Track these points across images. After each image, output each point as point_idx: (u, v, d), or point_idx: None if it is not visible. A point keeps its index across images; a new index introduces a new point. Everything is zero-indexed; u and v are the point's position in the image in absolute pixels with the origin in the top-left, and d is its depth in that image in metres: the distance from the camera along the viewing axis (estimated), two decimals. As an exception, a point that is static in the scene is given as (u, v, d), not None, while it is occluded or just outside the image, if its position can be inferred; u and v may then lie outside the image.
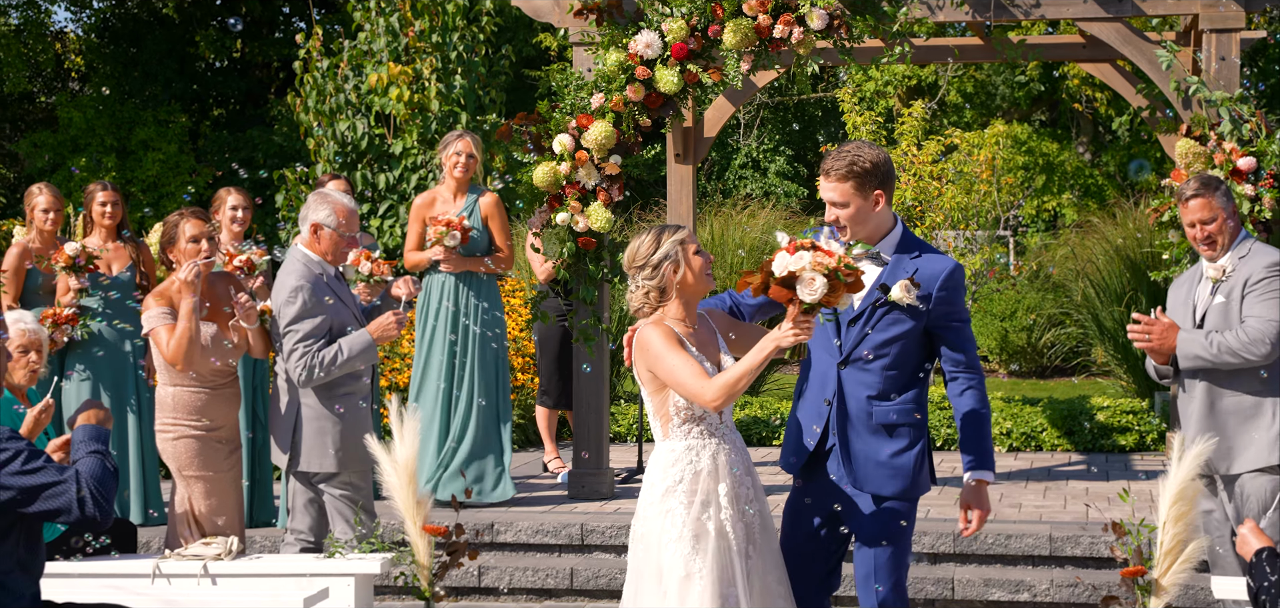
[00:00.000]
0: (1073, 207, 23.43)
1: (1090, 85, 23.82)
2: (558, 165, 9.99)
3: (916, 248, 5.80)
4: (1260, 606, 4.87)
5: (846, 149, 5.74)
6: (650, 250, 5.63)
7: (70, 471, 5.24)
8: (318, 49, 15.29)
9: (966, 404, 5.75)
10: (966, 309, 5.87)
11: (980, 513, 5.78)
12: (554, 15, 10.72)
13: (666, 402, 5.59)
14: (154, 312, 7.32)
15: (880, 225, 5.77)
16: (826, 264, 5.24)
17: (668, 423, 5.61)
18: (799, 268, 5.26)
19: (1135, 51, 10.09)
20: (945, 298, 5.70)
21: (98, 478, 5.27)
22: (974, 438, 5.75)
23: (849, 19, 9.85)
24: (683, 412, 5.57)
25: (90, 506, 5.20)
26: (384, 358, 12.14)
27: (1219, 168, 9.57)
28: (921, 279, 5.69)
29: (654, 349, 5.53)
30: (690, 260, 5.63)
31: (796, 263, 5.27)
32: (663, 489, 5.57)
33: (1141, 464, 11.81)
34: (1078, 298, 16.32)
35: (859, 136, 17.23)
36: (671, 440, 5.60)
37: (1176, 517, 6.06)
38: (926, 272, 5.71)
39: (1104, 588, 8.26)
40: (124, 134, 23.73)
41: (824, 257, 5.27)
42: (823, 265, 5.24)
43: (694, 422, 5.58)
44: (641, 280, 5.64)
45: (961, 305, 5.81)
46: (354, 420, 7.30)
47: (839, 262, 5.26)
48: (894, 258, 5.75)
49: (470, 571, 9.12)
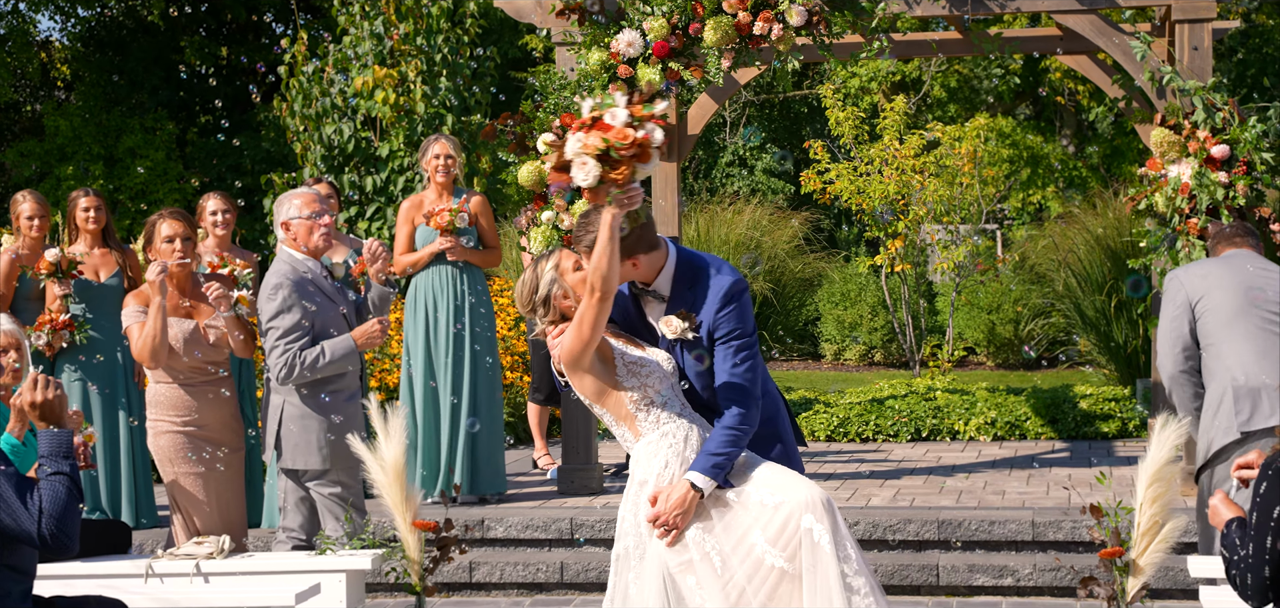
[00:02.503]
0: (1057, 199, 23.55)
1: (1072, 78, 23.96)
2: (542, 164, 10.09)
3: (692, 276, 5.71)
4: (1232, 579, 4.98)
5: (592, 221, 5.53)
6: (533, 290, 5.73)
7: (34, 496, 5.09)
8: (303, 53, 15.38)
9: (723, 420, 5.63)
10: (748, 327, 5.69)
11: (664, 510, 5.54)
12: (536, 15, 10.82)
13: (620, 404, 5.63)
14: (130, 310, 7.47)
15: (651, 269, 5.71)
16: (596, 146, 5.07)
17: (632, 423, 5.65)
18: (573, 153, 5.13)
19: (1110, 43, 10.21)
20: (720, 323, 5.64)
21: (60, 505, 5.11)
22: (710, 442, 5.61)
23: (828, 15, 9.96)
24: (640, 404, 5.62)
25: (50, 540, 5.07)
26: (372, 359, 12.23)
27: (1193, 156, 9.70)
28: (698, 311, 5.65)
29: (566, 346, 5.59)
30: (571, 280, 5.68)
31: (571, 147, 5.15)
32: (654, 477, 5.63)
33: (1124, 450, 11.94)
34: (1059, 288, 16.46)
35: (841, 132, 17.33)
36: (646, 437, 5.66)
37: (1153, 498, 6.16)
38: (703, 304, 5.65)
39: (1086, 571, 8.37)
40: (111, 142, 23.76)
41: (597, 135, 5.07)
42: (592, 147, 5.07)
43: (655, 407, 5.64)
44: (540, 319, 5.74)
45: (739, 324, 5.66)
46: (340, 418, 7.38)
47: (613, 137, 5.04)
48: (673, 293, 5.72)
49: (461, 565, 9.22)
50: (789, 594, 5.45)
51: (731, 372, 5.62)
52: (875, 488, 10.42)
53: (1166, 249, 9.85)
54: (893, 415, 13.00)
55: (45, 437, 5.27)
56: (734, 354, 5.63)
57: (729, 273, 5.71)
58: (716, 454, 5.53)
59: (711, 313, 5.63)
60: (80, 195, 9.85)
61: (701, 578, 5.51)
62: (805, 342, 19.49)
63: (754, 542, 5.48)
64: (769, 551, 5.46)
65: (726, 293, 5.64)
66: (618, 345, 5.66)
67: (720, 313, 5.62)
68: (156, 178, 23.11)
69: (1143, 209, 10.00)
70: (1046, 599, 8.78)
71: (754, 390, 5.64)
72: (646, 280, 5.72)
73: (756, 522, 5.51)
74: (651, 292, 5.74)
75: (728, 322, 5.63)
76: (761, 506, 5.53)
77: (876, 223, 16.58)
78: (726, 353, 5.63)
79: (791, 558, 5.46)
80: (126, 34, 27.13)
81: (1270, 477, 4.87)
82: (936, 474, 10.99)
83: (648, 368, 5.64)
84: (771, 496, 5.55)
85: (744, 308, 5.68)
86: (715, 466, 5.52)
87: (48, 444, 5.24)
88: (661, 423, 5.64)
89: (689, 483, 5.51)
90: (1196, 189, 9.68)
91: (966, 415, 12.88)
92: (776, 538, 5.47)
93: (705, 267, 5.74)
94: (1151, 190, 9.93)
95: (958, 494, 10.07)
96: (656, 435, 5.63)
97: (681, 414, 5.68)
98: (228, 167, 24.07)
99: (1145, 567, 6.19)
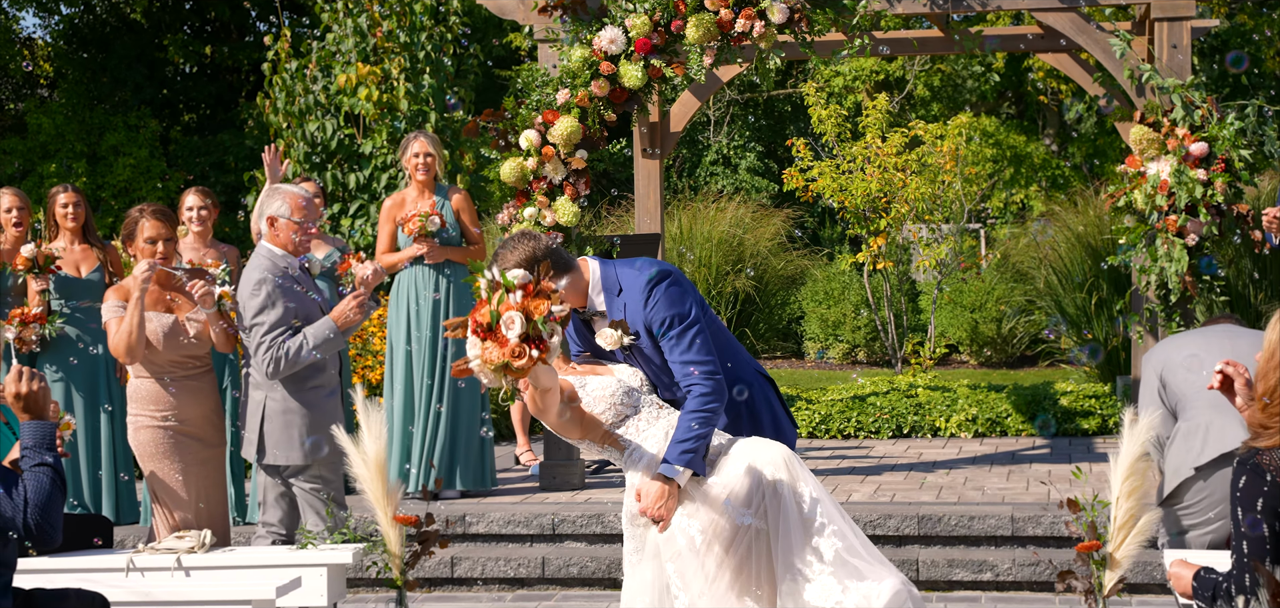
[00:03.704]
0: (1040, 198, 23.62)
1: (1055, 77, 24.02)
2: (525, 161, 10.14)
3: (619, 283, 5.76)
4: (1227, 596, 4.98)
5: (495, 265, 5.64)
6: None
7: (19, 488, 5.13)
8: (286, 51, 15.38)
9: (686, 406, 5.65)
10: (684, 308, 5.69)
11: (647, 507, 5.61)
12: (519, 12, 10.84)
13: (598, 429, 5.69)
14: (109, 305, 7.48)
15: (575, 291, 5.75)
16: (493, 361, 5.18)
17: (615, 443, 5.71)
18: (473, 360, 5.25)
19: (1090, 40, 10.26)
20: (652, 317, 5.67)
21: (44, 495, 5.14)
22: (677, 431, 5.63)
23: (809, 12, 10.00)
24: (614, 424, 5.69)
25: (35, 530, 5.09)
26: (356, 356, 12.24)
27: (1172, 153, 9.75)
28: (630, 317, 5.70)
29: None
30: None
31: (472, 354, 5.25)
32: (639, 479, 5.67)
33: (1103, 447, 11.98)
34: (1041, 285, 16.51)
35: (824, 130, 17.37)
36: (631, 446, 5.71)
37: (1129, 492, 6.19)
38: (630, 306, 5.70)
39: (1064, 565, 8.40)
40: (94, 140, 23.73)
41: (494, 349, 5.18)
42: (491, 360, 5.18)
43: (629, 420, 5.71)
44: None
45: (671, 309, 5.67)
46: (321, 413, 7.40)
47: (507, 354, 5.15)
48: (609, 306, 5.76)
49: (443, 560, 9.25)
50: (764, 554, 5.53)
51: (681, 356, 5.64)
52: (856, 484, 10.46)
53: (1145, 246, 9.91)
54: (874, 412, 13.04)
55: (28, 429, 5.29)
56: (678, 339, 5.65)
57: (648, 265, 5.74)
58: (684, 441, 5.56)
59: (640, 310, 5.66)
60: (59, 191, 9.84)
61: (683, 561, 5.57)
62: (789, 340, 19.53)
63: (728, 512, 5.54)
64: (742, 514, 5.52)
65: (647, 284, 5.67)
66: (577, 379, 5.71)
67: (648, 307, 5.65)
68: (140, 175, 23.08)
69: (1122, 206, 10.06)
70: (1025, 594, 8.82)
71: (709, 365, 5.65)
72: (578, 304, 5.77)
73: (730, 489, 5.57)
74: (592, 312, 5.78)
75: (659, 312, 5.65)
76: (734, 476, 5.59)
77: (858, 220, 16.63)
78: (671, 343, 5.66)
79: (763, 516, 5.53)
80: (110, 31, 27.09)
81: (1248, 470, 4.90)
82: (917, 470, 11.03)
83: (610, 389, 5.71)
84: (743, 463, 5.61)
85: (671, 293, 5.69)
86: (684, 452, 5.56)
87: (31, 436, 5.26)
88: (641, 432, 5.70)
89: (663, 476, 5.56)
90: (1175, 186, 9.74)
91: (948, 412, 12.93)
92: (748, 500, 5.54)
93: (629, 269, 5.79)
94: (1131, 188, 9.99)
95: (938, 490, 10.11)
96: (638, 442, 5.68)
97: (660, 416, 5.74)
98: (211, 164, 24.05)
99: (1122, 560, 6.22)
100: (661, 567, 5.64)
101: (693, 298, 5.74)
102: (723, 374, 5.70)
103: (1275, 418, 4.87)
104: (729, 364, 5.86)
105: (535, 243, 5.68)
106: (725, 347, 5.90)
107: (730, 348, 5.96)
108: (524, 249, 5.65)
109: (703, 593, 5.52)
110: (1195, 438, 6.72)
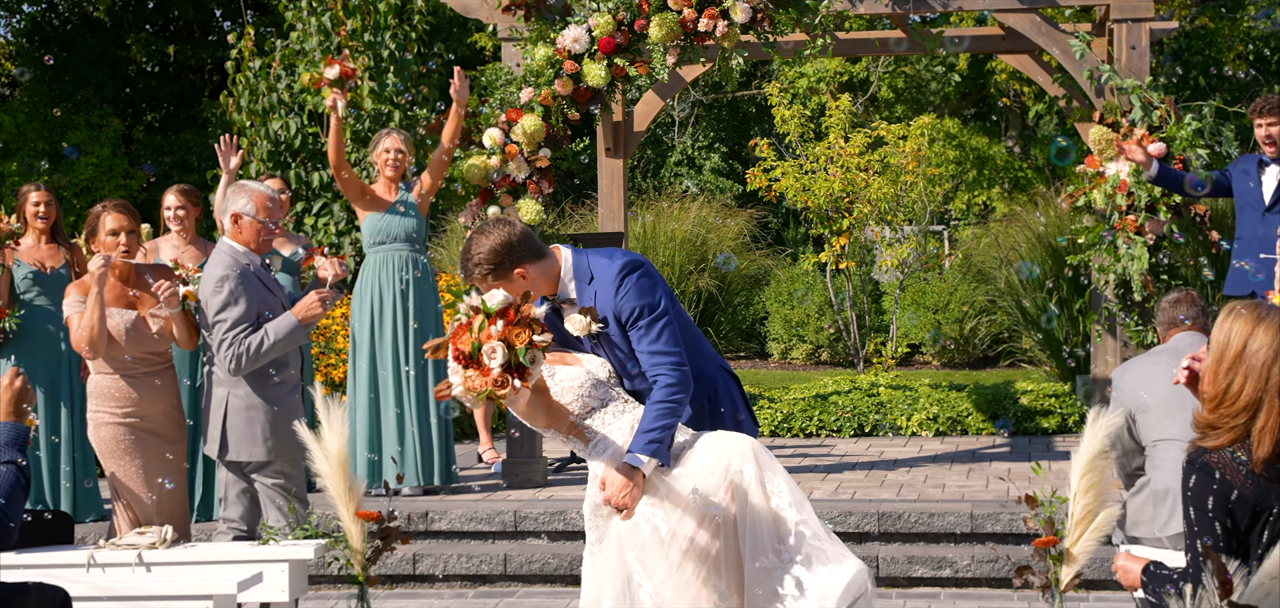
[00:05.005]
0: (1003, 200, 23.76)
1: (1018, 80, 24.16)
2: (488, 159, 10.16)
3: (590, 272, 5.76)
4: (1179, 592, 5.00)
5: (468, 250, 5.67)
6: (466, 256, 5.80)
7: None
8: (250, 49, 15.35)
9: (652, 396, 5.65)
10: (654, 299, 5.69)
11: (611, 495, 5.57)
12: (483, 11, 10.86)
13: (564, 420, 5.69)
14: (70, 300, 7.46)
15: (547, 277, 5.76)
16: (475, 389, 5.29)
17: (580, 433, 5.71)
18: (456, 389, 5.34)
19: (1050, 41, 10.34)
20: (622, 306, 5.67)
21: (6, 489, 5.17)
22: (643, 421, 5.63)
23: (772, 12, 10.06)
24: (580, 416, 5.71)
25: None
26: (318, 354, 12.24)
27: (1131, 153, 9.84)
28: (600, 304, 5.70)
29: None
30: None
31: (455, 381, 5.35)
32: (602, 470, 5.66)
33: (1063, 445, 12.07)
34: (1002, 285, 16.61)
35: (787, 130, 17.44)
36: (597, 438, 5.72)
37: (1087, 488, 6.23)
38: (601, 294, 5.70)
39: (1023, 561, 8.47)
40: (56, 138, 23.63)
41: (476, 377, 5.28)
42: (473, 389, 5.30)
43: (595, 412, 5.73)
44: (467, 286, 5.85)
45: (640, 299, 5.67)
46: (283, 409, 7.40)
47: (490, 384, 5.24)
48: (579, 294, 5.75)
49: (405, 557, 9.25)
50: (730, 543, 5.56)
51: (649, 347, 5.65)
52: (817, 481, 10.52)
53: (1105, 246, 9.99)
54: (836, 411, 13.10)
55: (2, 428, 5.36)
56: (647, 330, 5.65)
57: (621, 256, 5.74)
58: (650, 431, 5.56)
59: (610, 298, 5.66)
60: (31, 190, 9.81)
61: (647, 550, 5.59)
62: (752, 340, 19.59)
63: (693, 501, 5.56)
64: (708, 503, 5.55)
65: (619, 273, 5.67)
66: (546, 369, 5.73)
67: (618, 296, 5.64)
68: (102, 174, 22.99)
69: (1081, 205, 10.14)
70: (984, 590, 8.89)
71: (678, 358, 5.66)
72: (548, 292, 5.77)
73: (695, 480, 5.60)
74: (562, 299, 5.80)
75: (629, 302, 5.65)
76: (700, 468, 5.62)
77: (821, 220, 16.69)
78: (639, 333, 5.66)
79: (728, 504, 5.56)
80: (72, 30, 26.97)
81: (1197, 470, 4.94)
82: (878, 468, 11.09)
83: (578, 380, 5.73)
84: (709, 455, 5.64)
85: (642, 283, 5.69)
86: (650, 442, 5.55)
87: (4, 435, 5.32)
88: (607, 425, 5.72)
89: (628, 465, 5.57)
90: (1134, 186, 9.82)
91: (909, 411, 13.00)
92: (715, 490, 5.56)
93: (600, 258, 5.78)
94: (1090, 187, 10.07)
95: (898, 488, 10.17)
96: (606, 434, 5.70)
97: (626, 410, 5.76)
98: (174, 163, 23.98)
99: (1079, 555, 6.26)
100: (623, 557, 5.65)
101: (662, 290, 5.76)
102: (689, 367, 5.73)
103: (1226, 417, 4.91)
104: (693, 359, 5.89)
105: (509, 229, 5.67)
106: (691, 341, 5.93)
107: (696, 343, 5.99)
108: (498, 235, 5.64)
109: (667, 582, 5.54)
110: (1163, 507, 6.74)
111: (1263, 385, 4.76)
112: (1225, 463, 4.82)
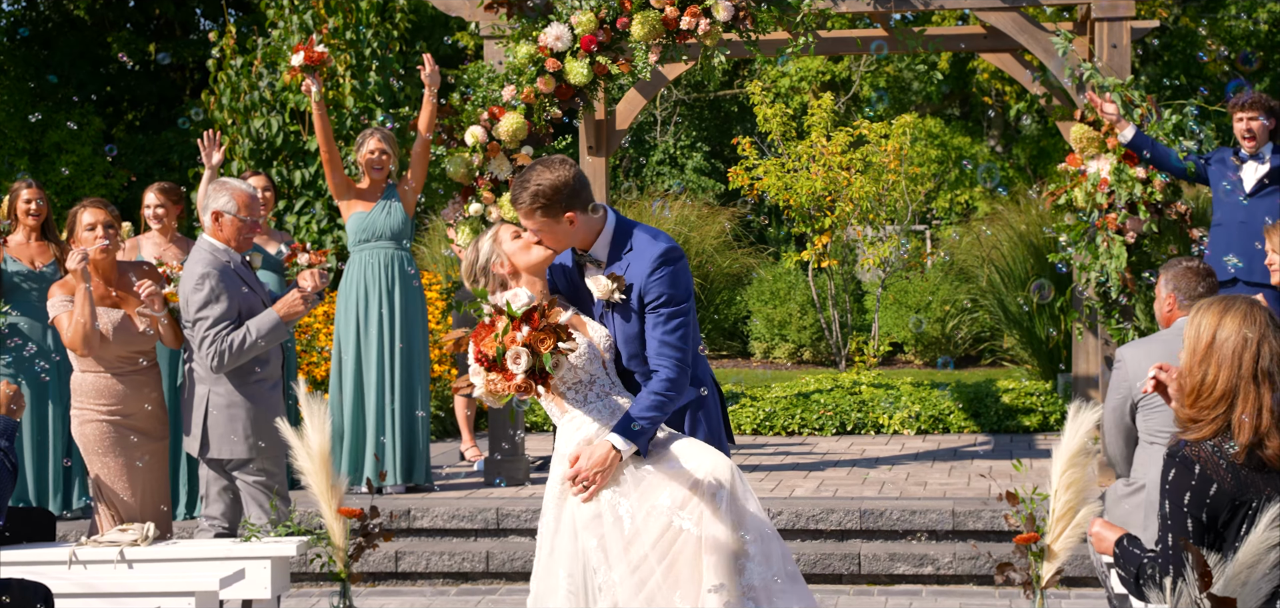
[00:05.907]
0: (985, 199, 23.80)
1: (1000, 79, 24.22)
2: (470, 157, 10.16)
3: (629, 241, 5.71)
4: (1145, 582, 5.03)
5: (527, 176, 5.61)
6: (473, 260, 5.83)
7: None
8: (232, 47, 15.33)
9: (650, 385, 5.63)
10: (681, 292, 5.65)
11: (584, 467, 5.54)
12: (465, 9, 10.86)
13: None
14: (56, 299, 7.45)
15: (589, 232, 5.70)
16: (498, 392, 5.37)
17: (560, 400, 5.72)
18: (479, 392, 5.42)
19: (1032, 40, 10.37)
20: (650, 287, 5.63)
21: None
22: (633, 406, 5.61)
23: (754, 10, 10.07)
24: (568, 381, 5.69)
25: None
26: (301, 352, 12.21)
27: (1112, 152, 9.87)
28: (630, 275, 5.66)
29: None
30: (508, 248, 5.75)
31: (477, 382, 5.42)
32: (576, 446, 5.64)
33: (1045, 443, 12.10)
34: (983, 284, 16.64)
35: (769, 129, 17.45)
36: (571, 413, 5.71)
37: (1068, 484, 6.25)
38: (635, 267, 5.65)
39: (1004, 559, 8.49)
40: (36, 137, 23.54)
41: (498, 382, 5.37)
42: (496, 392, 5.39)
43: (583, 385, 5.71)
44: (485, 288, 5.83)
45: (671, 290, 5.64)
46: (265, 407, 7.39)
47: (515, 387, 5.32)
48: (609, 258, 5.72)
49: (387, 554, 9.25)
50: (692, 558, 5.53)
51: (662, 337, 5.61)
52: (799, 479, 10.53)
53: (1086, 244, 10.02)
54: (818, 409, 13.12)
55: None
56: (665, 321, 5.61)
57: (665, 240, 5.69)
58: (639, 418, 5.53)
59: (643, 275, 5.60)
60: (22, 186, 9.76)
61: (608, 538, 5.57)
62: (735, 339, 19.59)
63: (663, 506, 5.54)
64: (677, 514, 5.52)
65: (660, 257, 5.61)
66: None
67: (651, 276, 5.59)
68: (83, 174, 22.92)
69: (1063, 204, 10.17)
70: (966, 587, 8.91)
71: (684, 358, 5.63)
72: (585, 245, 5.72)
73: (666, 487, 5.57)
74: (590, 257, 5.76)
75: (658, 286, 5.60)
76: (673, 473, 5.60)
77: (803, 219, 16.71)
78: (657, 320, 5.62)
79: (697, 522, 5.53)
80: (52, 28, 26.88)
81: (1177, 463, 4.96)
82: (860, 466, 11.11)
83: (577, 349, 5.69)
84: (684, 463, 5.62)
85: (677, 275, 5.65)
86: (637, 430, 5.53)
87: None
88: (589, 401, 5.70)
89: (609, 443, 5.53)
90: (1115, 185, 9.86)
91: (891, 410, 13.02)
92: (685, 503, 5.53)
93: (644, 232, 5.73)
94: (1071, 186, 10.10)
95: (880, 485, 10.19)
96: (582, 412, 5.68)
97: (612, 392, 5.73)
98: (155, 162, 23.90)
99: (1059, 552, 6.27)
100: (580, 542, 5.63)
101: (690, 291, 5.76)
102: (691, 373, 5.72)
103: (1205, 410, 4.94)
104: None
105: (573, 171, 5.59)
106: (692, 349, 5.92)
107: (694, 352, 5.99)
108: (562, 173, 5.55)
109: (626, 579, 5.52)
110: (1154, 518, 6.75)
111: (1236, 373, 4.80)
112: (1206, 456, 4.85)
